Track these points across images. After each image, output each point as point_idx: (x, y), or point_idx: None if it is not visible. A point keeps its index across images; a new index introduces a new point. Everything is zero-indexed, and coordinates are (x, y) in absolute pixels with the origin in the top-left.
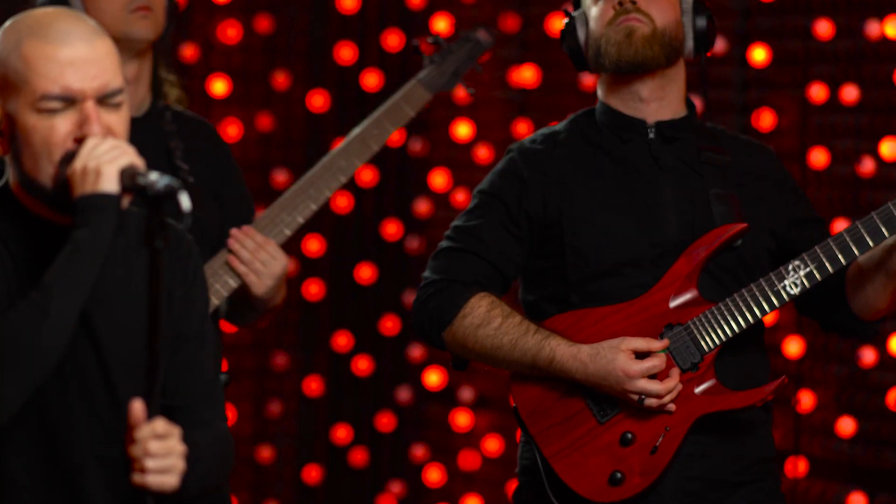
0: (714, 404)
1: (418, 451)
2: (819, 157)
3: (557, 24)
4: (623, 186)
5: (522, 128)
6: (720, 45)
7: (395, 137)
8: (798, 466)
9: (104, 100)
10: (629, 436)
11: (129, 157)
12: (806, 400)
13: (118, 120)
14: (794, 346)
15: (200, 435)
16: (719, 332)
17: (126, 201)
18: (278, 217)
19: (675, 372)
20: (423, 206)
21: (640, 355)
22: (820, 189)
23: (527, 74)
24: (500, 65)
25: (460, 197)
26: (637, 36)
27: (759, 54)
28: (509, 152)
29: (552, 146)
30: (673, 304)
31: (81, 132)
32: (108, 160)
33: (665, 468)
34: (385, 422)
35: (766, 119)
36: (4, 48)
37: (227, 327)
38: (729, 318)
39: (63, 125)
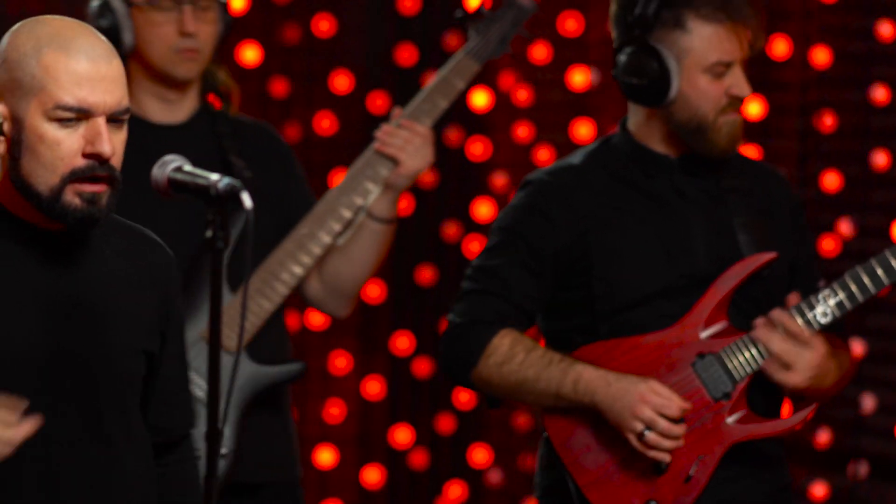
0: (747, 432)
1: (479, 453)
2: (881, 159)
3: None
4: (650, 219)
5: (582, 129)
6: (782, 46)
7: (455, 139)
8: (860, 469)
9: (114, 117)
10: (662, 464)
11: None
12: (868, 402)
13: (120, 139)
14: (856, 348)
15: (179, 469)
16: (751, 361)
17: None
18: (337, 199)
19: (683, 429)
20: (483, 208)
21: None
22: (882, 191)
23: (587, 76)
24: (561, 67)
25: None
26: (739, 129)
27: (821, 56)
28: (527, 185)
29: (573, 179)
30: (704, 334)
31: (93, 148)
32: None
33: (698, 497)
34: (445, 424)
35: (827, 121)
36: (20, 51)
37: (292, 322)
38: (760, 347)
39: (73, 140)
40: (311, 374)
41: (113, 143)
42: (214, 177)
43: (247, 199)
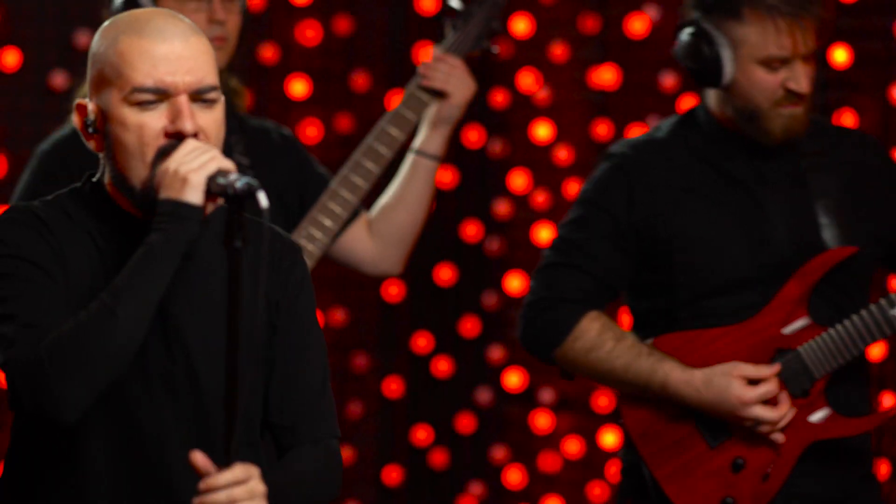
0: (827, 431)
1: (498, 453)
2: None
3: (637, 24)
4: (730, 203)
5: (602, 129)
6: None
7: (475, 139)
8: (881, 469)
9: (197, 96)
10: (740, 461)
11: (218, 162)
12: (887, 402)
13: (211, 118)
14: (876, 349)
15: (305, 458)
16: (831, 360)
17: (211, 207)
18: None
19: (785, 397)
20: (502, 208)
21: (753, 381)
22: None
23: (607, 75)
24: (580, 66)
25: (540, 198)
26: (799, 122)
27: (840, 55)
28: (611, 158)
29: (656, 156)
30: (784, 329)
31: (174, 127)
32: (195, 168)
33: (775, 495)
34: (465, 423)
35: (846, 121)
36: (101, 45)
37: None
38: (841, 346)
39: (155, 120)
40: (331, 373)
41: (198, 121)
42: (233, 176)
43: (263, 199)
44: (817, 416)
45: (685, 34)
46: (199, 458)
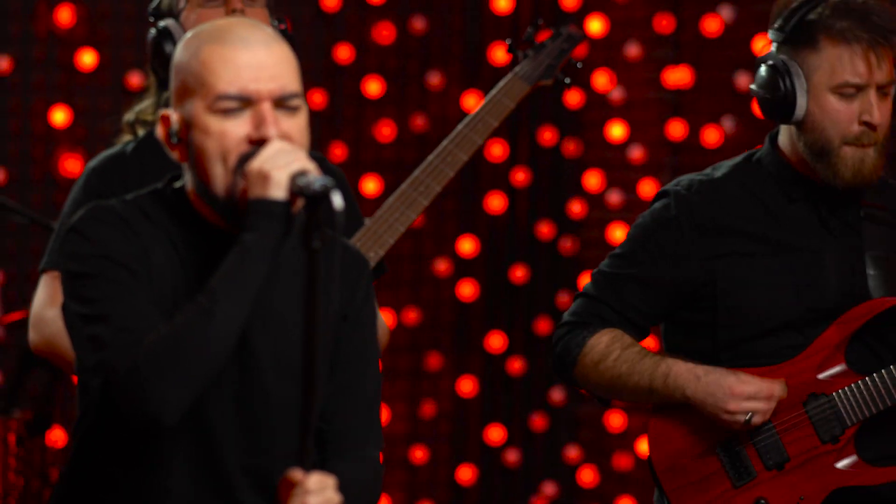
0: (853, 478)
1: (572, 452)
2: None
3: (711, 24)
4: (784, 248)
5: (676, 128)
6: None
7: (549, 138)
8: None
9: (281, 103)
10: (763, 502)
11: (301, 163)
12: None
13: (295, 125)
14: None
15: (351, 469)
16: (864, 407)
17: (298, 206)
18: (391, 216)
19: (779, 388)
20: (576, 207)
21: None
22: None
23: (680, 75)
24: (654, 65)
25: (614, 198)
26: (868, 166)
27: None
28: (665, 196)
29: (712, 197)
30: (820, 374)
31: (258, 134)
32: (279, 165)
33: None
34: (538, 422)
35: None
36: (184, 56)
37: (387, 321)
38: (876, 395)
39: (238, 127)
40: (405, 373)
41: (282, 128)
42: (311, 176)
43: (338, 200)
44: (844, 463)
45: (762, 67)
46: (294, 475)
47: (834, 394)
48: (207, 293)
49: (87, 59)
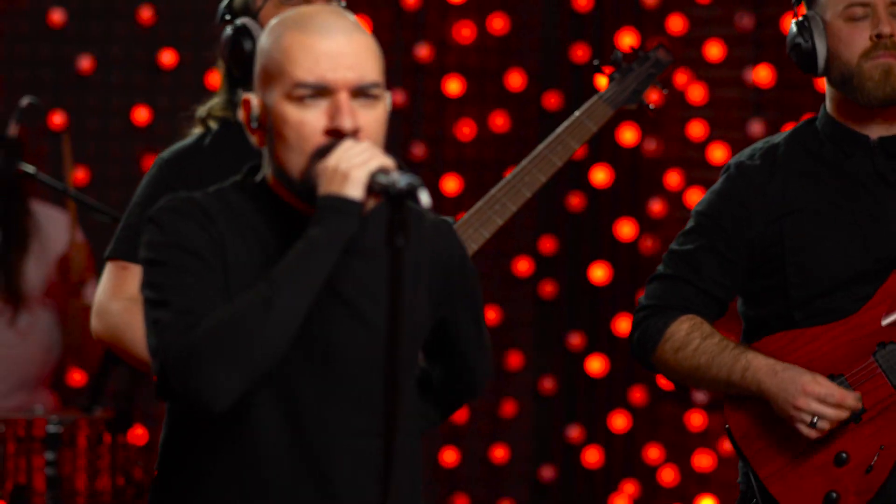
0: None
1: (652, 452)
2: None
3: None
4: (847, 200)
5: (757, 127)
6: None
7: (630, 137)
8: None
9: (359, 93)
10: (843, 455)
11: (379, 160)
12: None
13: (372, 116)
14: None
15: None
16: None
17: (371, 204)
18: (464, 232)
19: (852, 399)
20: (657, 206)
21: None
22: None
23: (762, 73)
24: (735, 64)
25: (694, 197)
26: (895, 75)
27: None
28: (727, 170)
29: (772, 163)
30: (885, 322)
31: (333, 124)
32: (358, 164)
33: (880, 487)
34: (619, 422)
35: None
36: (267, 42)
37: None
38: None
39: (315, 117)
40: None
41: (358, 119)
42: (395, 174)
43: (425, 197)
44: None
45: (791, 29)
46: None
47: None
48: (268, 282)
49: (168, 58)
